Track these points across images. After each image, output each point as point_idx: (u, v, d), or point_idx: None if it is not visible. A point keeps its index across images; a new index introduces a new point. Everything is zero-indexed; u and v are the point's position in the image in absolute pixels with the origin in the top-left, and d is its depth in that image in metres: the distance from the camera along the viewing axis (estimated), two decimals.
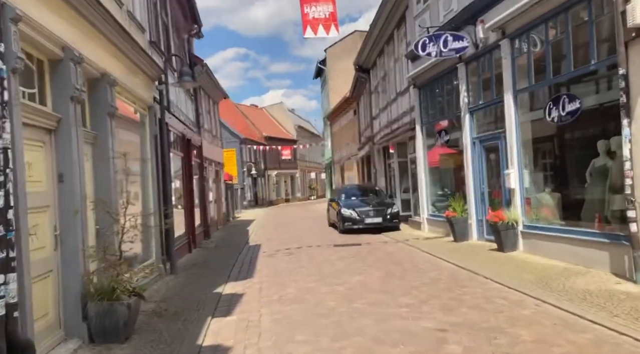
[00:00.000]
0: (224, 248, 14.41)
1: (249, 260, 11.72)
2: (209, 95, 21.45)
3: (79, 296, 5.56)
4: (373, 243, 13.47)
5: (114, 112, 7.06)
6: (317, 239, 15.33)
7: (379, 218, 16.04)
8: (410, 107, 15.85)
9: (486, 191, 11.62)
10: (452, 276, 8.45)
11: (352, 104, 31.28)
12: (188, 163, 14.17)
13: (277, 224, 22.98)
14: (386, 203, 16.92)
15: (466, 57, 11.74)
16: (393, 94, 18.52)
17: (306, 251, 12.60)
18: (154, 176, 9.59)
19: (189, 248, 13.42)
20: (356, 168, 31.58)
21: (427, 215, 14.85)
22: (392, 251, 11.74)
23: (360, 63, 23.01)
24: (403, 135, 16.94)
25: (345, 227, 16.23)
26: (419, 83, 14.67)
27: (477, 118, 11.98)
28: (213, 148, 21.25)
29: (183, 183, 13.66)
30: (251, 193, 46.46)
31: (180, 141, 13.49)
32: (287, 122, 61.13)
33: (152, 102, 9.71)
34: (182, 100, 14.17)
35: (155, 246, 9.56)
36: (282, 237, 16.67)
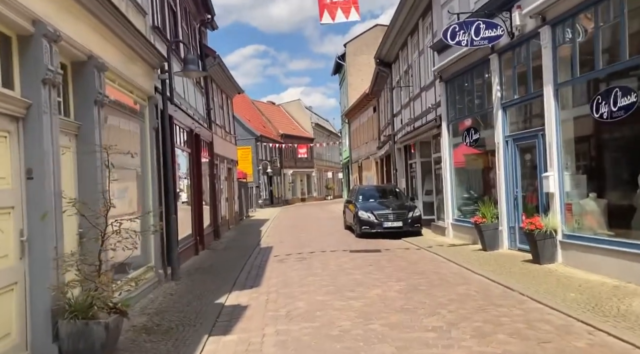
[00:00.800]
0: (233, 250, 13.56)
1: (258, 265, 10.83)
2: (222, 90, 20.65)
3: (49, 313, 4.71)
4: (393, 249, 12.48)
5: (102, 101, 6.21)
6: (332, 243, 14.38)
7: (399, 222, 15.02)
8: (436, 103, 14.80)
9: (520, 196, 10.54)
10: (484, 291, 7.44)
11: (371, 101, 30.26)
12: (197, 160, 13.35)
13: (291, 225, 22.10)
14: (407, 206, 15.89)
15: (499, 47, 10.68)
16: (417, 89, 17.47)
17: (320, 256, 11.67)
18: (154, 173, 8.75)
19: (195, 250, 12.60)
20: (375, 168, 30.54)
21: (452, 220, 13.80)
22: (414, 259, 10.74)
23: (382, 57, 21.98)
24: (427, 133, 15.89)
25: (362, 231, 15.25)
26: (446, 76, 13.62)
27: (510, 115, 10.91)
28: (225, 145, 20.45)
29: (191, 181, 12.84)
30: (266, 192, 45.70)
31: (188, 136, 12.67)
32: (305, 119, 60.29)
33: (153, 92, 8.87)
34: (190, 93, 13.35)
35: (155, 250, 8.73)
36: (295, 239, 15.77)
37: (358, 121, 36.20)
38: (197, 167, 13.24)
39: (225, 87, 20.84)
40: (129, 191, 8.08)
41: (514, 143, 10.64)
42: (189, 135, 12.70)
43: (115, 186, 6.16)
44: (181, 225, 11.80)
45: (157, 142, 9.06)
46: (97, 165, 6.07)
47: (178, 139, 11.55)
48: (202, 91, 15.82)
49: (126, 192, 7.90)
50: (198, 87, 14.98)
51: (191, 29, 14.78)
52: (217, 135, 18.50)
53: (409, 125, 18.65)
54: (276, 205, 45.93)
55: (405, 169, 20.19)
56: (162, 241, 9.04)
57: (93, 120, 6.05)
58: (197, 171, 13.23)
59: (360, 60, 39.56)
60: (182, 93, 12.15)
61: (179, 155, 11.67)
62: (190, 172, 12.79)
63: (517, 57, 10.38)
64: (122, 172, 7.57)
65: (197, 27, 15.84)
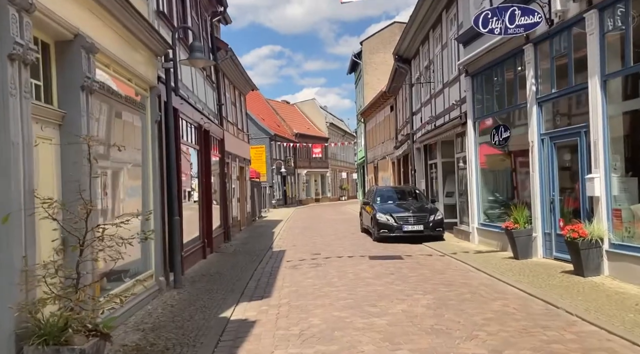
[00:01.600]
0: (244, 254, 12.75)
1: (269, 272, 10.00)
2: (235, 85, 19.88)
3: (13, 336, 3.91)
4: (415, 255, 11.56)
5: (91, 86, 5.41)
6: (349, 247, 13.51)
7: (420, 226, 14.09)
8: (460, 99, 13.85)
9: (557, 199, 9.57)
10: (524, 308, 6.51)
11: (388, 99, 29.30)
12: (206, 157, 12.56)
13: (305, 226, 21.26)
14: (428, 208, 14.95)
15: (536, 37, 9.73)
16: (439, 85, 16.52)
17: (336, 263, 10.79)
18: (155, 170, 7.96)
19: (203, 254, 11.81)
20: (391, 169, 29.57)
21: (477, 224, 12.83)
22: (440, 268, 9.81)
23: (401, 52, 21.04)
24: (450, 132, 14.94)
25: (380, 235, 14.35)
26: (473, 70, 12.67)
27: (546, 111, 9.95)
28: (238, 143, 19.68)
29: (199, 180, 12.06)
30: (280, 192, 44.94)
31: (197, 132, 11.89)
32: (319, 119, 59.48)
33: (156, 82, 8.08)
34: (199, 87, 12.57)
35: (156, 255, 7.93)
36: (310, 243, 14.92)
37: (374, 120, 35.25)
38: (206, 165, 12.46)
39: (238, 83, 20.07)
40: (128, 190, 7.30)
41: (551, 141, 9.67)
42: (198, 131, 11.93)
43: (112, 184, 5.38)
44: (188, 227, 11.04)
45: (160, 137, 8.28)
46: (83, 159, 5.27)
47: (185, 135, 10.78)
48: (213, 86, 15.05)
49: (123, 191, 7.12)
50: (208, 81, 14.21)
51: (202, 20, 14.02)
52: (229, 132, 17.73)
53: (430, 124, 17.70)
54: (290, 205, 45.16)
55: (424, 170, 19.24)
56: (163, 246, 8.25)
57: (80, 108, 5.25)
58: (206, 169, 12.45)
59: (377, 58, 38.62)
60: (191, 86, 11.38)
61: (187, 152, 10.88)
62: (199, 170, 12.01)
63: (556, 47, 9.41)
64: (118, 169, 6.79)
65: (208, 19, 15.09)
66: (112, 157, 6.68)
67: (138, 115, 7.63)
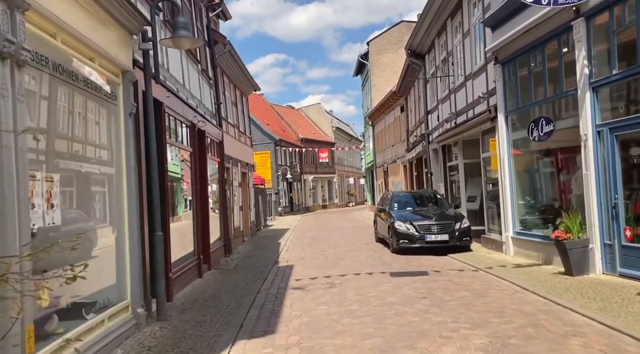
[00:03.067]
0: (246, 271, 11.16)
1: (275, 295, 8.39)
2: (235, 85, 18.37)
3: None
4: (444, 271, 9.92)
5: (18, 56, 3.86)
6: (365, 261, 11.88)
7: (445, 235, 12.46)
8: (488, 91, 12.26)
9: (621, 204, 7.92)
10: (616, 351, 4.87)
11: (398, 100, 27.72)
12: (200, 161, 11.01)
13: (313, 236, 19.63)
14: (452, 215, 13.31)
15: (589, 9, 8.14)
16: (459, 79, 14.93)
17: (353, 282, 9.17)
18: (130, 175, 6.41)
19: (198, 272, 10.23)
20: (403, 173, 27.95)
21: (512, 233, 11.20)
22: (479, 288, 8.17)
23: (414, 47, 19.48)
24: (474, 129, 13.31)
25: (399, 246, 12.72)
26: (504, 57, 11.08)
27: (603, 98, 8.34)
28: (240, 147, 18.14)
29: (193, 187, 10.50)
30: (286, 199, 43.37)
31: (189, 132, 10.35)
32: (325, 123, 58.00)
33: (131, 66, 6.55)
34: (192, 80, 11.05)
35: (132, 281, 6.36)
36: (320, 256, 13.30)
37: (383, 123, 33.68)
38: (201, 169, 10.91)
39: (238, 81, 18.55)
40: (90, 200, 5.75)
41: (611, 134, 8.04)
42: (191, 130, 10.38)
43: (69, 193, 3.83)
44: (181, 241, 9.49)
45: (138, 134, 6.73)
46: (11, 156, 3.73)
47: (174, 134, 9.24)
48: (210, 82, 13.53)
49: (83, 202, 5.56)
50: (204, 77, 12.69)
51: (196, 8, 12.53)
52: (229, 135, 16.20)
53: (449, 122, 16.09)
54: (296, 212, 43.58)
55: (443, 172, 17.60)
56: (143, 269, 6.67)
57: (3, 85, 3.71)
58: (201, 175, 10.89)
59: (385, 59, 37.15)
60: (181, 78, 9.86)
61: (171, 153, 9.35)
62: (192, 175, 10.46)
63: (617, 20, 7.82)
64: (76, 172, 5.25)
65: (204, 9, 13.61)
66: (67, 156, 5.13)
67: (106, 106, 6.09)
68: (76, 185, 5.30)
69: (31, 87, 4.41)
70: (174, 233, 9.07)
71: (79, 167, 5.37)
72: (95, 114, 5.79)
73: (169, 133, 8.70)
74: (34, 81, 4.46)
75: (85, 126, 5.63)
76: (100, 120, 5.92)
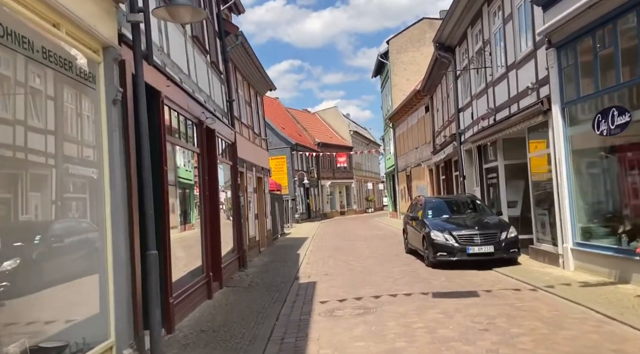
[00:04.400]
0: (262, 289, 9.72)
1: (297, 324, 6.93)
2: (249, 83, 17.02)
3: None
4: (496, 290, 8.35)
5: None
6: (399, 277, 10.34)
7: (490, 247, 10.87)
8: (538, 81, 10.68)
9: None
10: None
11: (422, 99, 26.15)
12: (210, 164, 9.64)
13: (335, 246, 18.12)
14: (496, 223, 11.72)
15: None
16: (499, 70, 13.36)
17: (391, 306, 7.64)
18: (115, 176, 5.01)
19: (208, 292, 8.82)
20: (428, 177, 26.35)
21: (572, 244, 9.59)
22: (548, 314, 6.59)
23: (442, 40, 17.93)
24: (518, 126, 11.72)
25: (437, 259, 11.16)
26: (559, 39, 9.52)
27: None
28: (254, 149, 16.77)
29: (200, 193, 9.11)
30: (303, 205, 41.95)
31: (196, 130, 8.98)
32: (342, 127, 56.57)
33: (115, 41, 5.17)
34: (200, 72, 9.70)
35: (117, 314, 4.95)
36: (346, 270, 11.80)
37: (405, 124, 32.09)
38: (209, 173, 9.52)
39: (253, 79, 17.20)
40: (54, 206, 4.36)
41: None
42: (198, 128, 9.01)
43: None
44: (188, 257, 8.10)
45: (126, 127, 5.34)
46: None
47: (177, 131, 7.86)
48: (221, 77, 12.18)
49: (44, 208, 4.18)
50: (214, 70, 11.33)
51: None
52: (243, 136, 14.85)
53: (486, 119, 14.51)
54: (314, 219, 42.14)
55: (479, 175, 15.98)
56: (133, 297, 5.26)
57: None
58: (210, 179, 9.51)
59: (406, 57, 35.60)
60: (186, 67, 8.50)
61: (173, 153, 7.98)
62: (200, 179, 9.07)
63: None
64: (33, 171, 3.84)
65: None
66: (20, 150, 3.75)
67: (80, 90, 4.71)
68: (37, 186, 3.92)
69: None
70: (179, 247, 7.69)
71: (43, 162, 4.00)
72: (61, 99, 4.40)
73: (170, 129, 7.32)
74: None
75: (56, 113, 4.25)
76: (68, 106, 4.53)
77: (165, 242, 6.43)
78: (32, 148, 4.00)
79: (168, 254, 6.45)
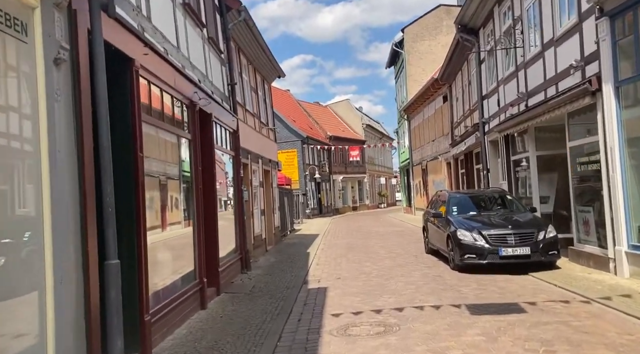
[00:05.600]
0: (264, 297, 8.46)
1: (303, 347, 5.64)
2: (255, 67, 15.73)
3: None
4: (541, 303, 6.99)
5: None
6: (423, 284, 8.99)
7: (526, 248, 9.50)
8: (584, 58, 9.25)
9: None
10: None
11: (441, 89, 24.69)
12: (204, 152, 8.39)
13: (348, 245, 16.82)
14: (532, 222, 10.33)
15: None
16: (533, 49, 11.93)
17: (417, 323, 6.32)
18: (54, 161, 3.76)
19: (201, 301, 7.59)
20: (446, 171, 24.93)
21: (627, 247, 8.19)
22: (617, 337, 5.24)
23: (465, 21, 16.48)
24: (556, 111, 10.29)
25: (464, 262, 9.82)
26: (613, 7, 8.09)
27: None
28: (261, 140, 15.50)
29: (194, 187, 7.85)
30: (314, 200, 40.67)
31: (189, 113, 7.72)
32: (355, 120, 55.13)
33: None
34: (193, 45, 8.43)
35: (60, 343, 3.70)
36: (360, 273, 10.50)
37: (421, 116, 30.63)
38: (204, 162, 8.27)
39: (259, 64, 15.91)
40: None
41: None
42: (190, 110, 7.75)
43: None
44: (174, 260, 6.88)
45: (77, 94, 4.08)
46: None
47: (160, 112, 6.60)
48: (221, 57, 10.91)
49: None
50: (213, 48, 10.07)
51: None
52: (248, 125, 13.59)
53: (515, 105, 13.10)
54: (325, 214, 40.86)
55: (506, 168, 14.56)
56: (87, 320, 4.01)
57: None
58: (204, 169, 8.26)
59: (421, 46, 34.07)
60: (173, 38, 7.23)
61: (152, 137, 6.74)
62: (191, 170, 7.81)
63: None
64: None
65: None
66: None
67: (8, 42, 3.45)
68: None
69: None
70: (164, 250, 6.46)
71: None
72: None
73: (150, 108, 6.05)
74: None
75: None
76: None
77: (140, 246, 5.18)
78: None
79: (143, 261, 5.20)
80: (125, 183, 5.13)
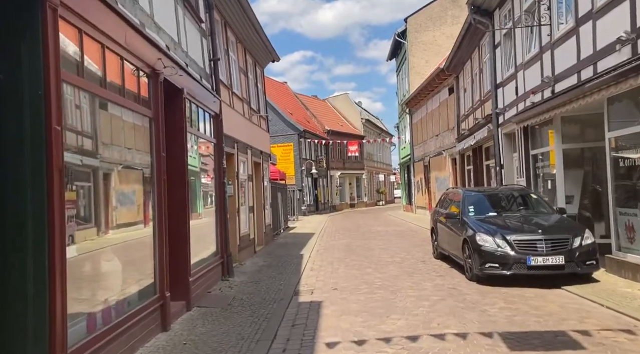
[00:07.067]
0: (245, 313, 6.90)
1: None
2: (246, 48, 14.11)
3: None
4: (594, 331, 5.45)
5: None
6: (437, 300, 7.41)
7: (559, 257, 7.95)
8: (635, 29, 7.68)
9: None
10: None
11: (446, 80, 23.13)
12: (172, 135, 6.81)
13: (347, 246, 15.24)
14: (563, 225, 8.80)
15: None
16: (562, 26, 10.36)
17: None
18: None
19: (162, 321, 6.03)
20: (451, 167, 23.38)
21: None
22: None
23: (478, 2, 14.90)
24: (594, 96, 8.71)
25: (485, 272, 8.26)
26: None
27: None
28: (250, 128, 13.91)
29: (156, 178, 6.26)
30: (311, 197, 39.11)
31: (151, 83, 6.12)
32: (353, 115, 53.55)
33: None
34: (160, 5, 6.83)
35: None
36: (362, 284, 8.92)
37: (424, 109, 29.05)
38: (170, 147, 6.68)
39: (250, 44, 14.29)
40: None
41: None
42: (152, 81, 6.16)
43: None
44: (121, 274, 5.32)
45: None
46: None
47: (99, 74, 5.00)
48: (202, 27, 9.31)
49: None
50: (188, 11, 8.46)
51: None
52: (235, 110, 11.99)
53: (538, 92, 11.54)
54: (322, 211, 39.33)
55: (524, 163, 13.00)
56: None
57: None
58: (170, 156, 6.67)
59: (425, 37, 32.45)
60: None
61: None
62: (152, 156, 6.22)
63: None
64: None
65: None
66: None
67: None
68: None
69: None
70: (106, 260, 4.89)
71: None
72: None
73: (78, 67, 4.45)
74: None
75: None
76: None
77: (52, 264, 3.61)
78: None
79: (57, 283, 3.63)
80: (32, 171, 3.56)
